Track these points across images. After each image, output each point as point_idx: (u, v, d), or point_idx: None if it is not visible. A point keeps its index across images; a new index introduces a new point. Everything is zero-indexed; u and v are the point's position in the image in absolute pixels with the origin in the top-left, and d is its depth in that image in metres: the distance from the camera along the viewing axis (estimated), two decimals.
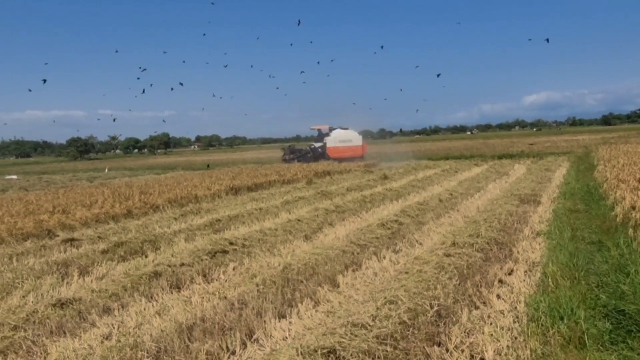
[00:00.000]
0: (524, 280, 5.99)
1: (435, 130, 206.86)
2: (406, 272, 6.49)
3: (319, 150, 35.66)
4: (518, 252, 7.36)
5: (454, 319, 4.94)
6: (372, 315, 4.94)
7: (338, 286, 6.19)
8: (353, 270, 6.81)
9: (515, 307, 5.16)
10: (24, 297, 6.21)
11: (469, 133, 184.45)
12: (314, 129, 38.17)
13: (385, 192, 15.96)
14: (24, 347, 4.77)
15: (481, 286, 5.87)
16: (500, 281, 6.07)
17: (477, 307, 5.26)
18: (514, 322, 4.79)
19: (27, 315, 5.53)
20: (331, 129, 36.82)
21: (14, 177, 38.12)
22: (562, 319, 4.71)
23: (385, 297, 5.40)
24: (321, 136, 37.12)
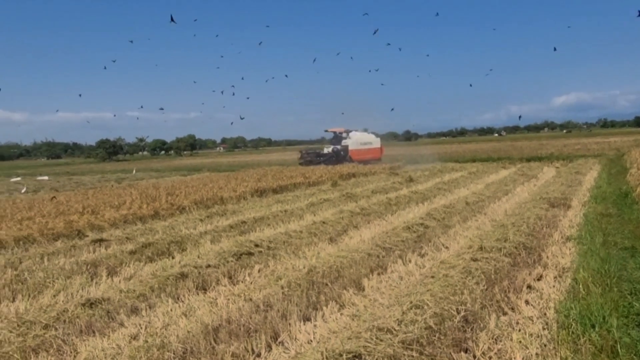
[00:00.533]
0: (554, 286, 5.86)
1: (462, 132, 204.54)
2: (432, 277, 6.42)
3: (341, 152, 35.54)
4: (547, 257, 7.22)
5: (482, 325, 4.86)
6: (397, 319, 4.90)
7: (363, 290, 6.16)
8: (378, 274, 6.77)
9: (545, 314, 5.06)
10: (54, 296, 6.34)
11: (496, 135, 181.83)
12: (329, 131, 37.93)
13: (410, 194, 15.84)
14: (55, 346, 4.86)
15: (509, 292, 5.77)
16: (529, 287, 5.96)
17: (505, 313, 5.17)
18: (544, 329, 4.69)
19: (57, 314, 5.64)
20: (347, 132, 36.83)
21: (45, 177, 39.07)
22: (593, 327, 4.59)
23: (411, 302, 5.35)
24: (338, 139, 37.00)
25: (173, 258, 8.24)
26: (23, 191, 25.90)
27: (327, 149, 36.50)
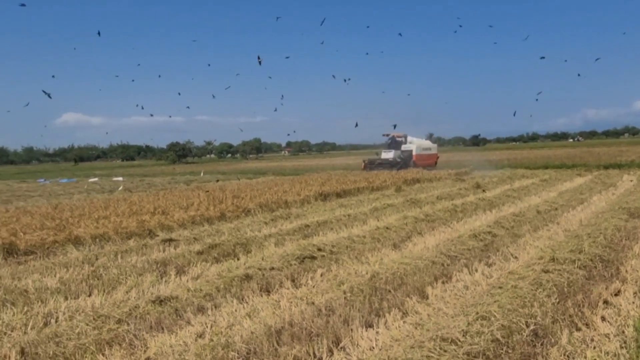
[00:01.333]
0: (633, 302, 5.49)
1: (534, 137, 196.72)
2: (500, 287, 6.19)
3: (406, 158, 35.20)
4: (626, 271, 6.78)
5: (553, 340, 4.63)
6: (462, 330, 4.75)
7: (427, 298, 6.03)
8: (443, 282, 6.61)
9: (623, 332, 4.74)
10: (127, 292, 6.64)
11: (571, 140, 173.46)
12: (386, 135, 37.46)
13: (477, 201, 15.39)
14: (127, 340, 5.08)
15: (583, 306, 5.47)
16: (606, 302, 5.61)
17: (578, 329, 4.90)
18: (621, 347, 4.40)
19: (129, 310, 5.90)
20: (405, 136, 36.48)
21: (120, 178, 41.14)
22: None
23: (477, 312, 5.18)
24: (396, 143, 36.45)
25: (238, 259, 8.42)
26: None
27: (387, 154, 36.02)
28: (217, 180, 32.02)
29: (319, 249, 8.89)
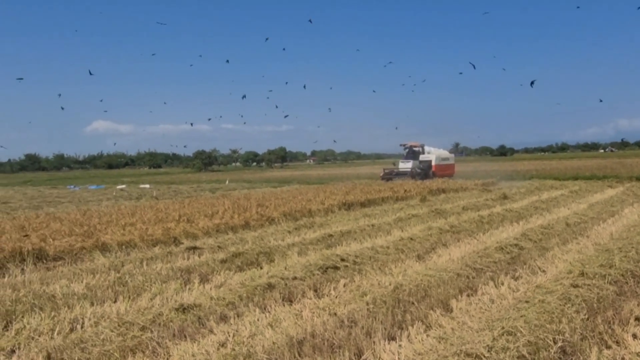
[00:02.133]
0: None
1: (563, 148, 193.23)
2: (526, 302, 6.05)
3: (426, 168, 34.54)
4: None
5: (581, 358, 4.51)
6: (487, 345, 4.66)
7: (451, 311, 5.93)
8: (468, 295, 6.50)
9: None
10: (151, 299, 6.70)
11: (602, 151, 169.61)
12: (404, 145, 36.73)
13: (504, 212, 15.14)
14: (150, 347, 5.12)
15: (614, 323, 5.30)
16: (637, 319, 5.43)
17: (608, 347, 4.75)
18: None
19: (153, 317, 5.95)
20: (422, 146, 35.98)
21: (147, 186, 41.78)
22: None
23: (502, 327, 5.07)
24: (414, 154, 35.80)
25: (261, 268, 8.44)
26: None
27: (405, 164, 35.20)
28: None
29: (342, 259, 8.85)
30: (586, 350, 4.65)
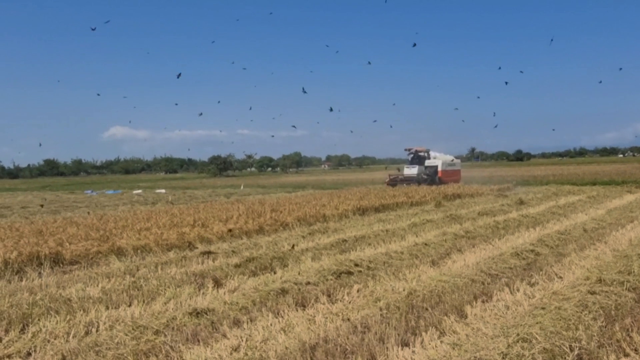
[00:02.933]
0: None
1: (581, 153, 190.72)
2: (542, 308, 5.97)
3: (432, 173, 33.69)
4: None
5: None
6: (502, 352, 4.60)
7: (466, 317, 5.87)
8: (482, 302, 6.43)
9: None
10: (165, 303, 6.74)
11: (621, 156, 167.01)
12: (408, 150, 35.76)
13: (520, 218, 14.98)
14: (164, 352, 5.14)
15: (632, 331, 5.20)
16: None
17: (626, 355, 4.66)
18: None
19: (167, 321, 5.98)
20: (427, 151, 35.26)
21: (163, 191, 42.09)
22: None
23: (517, 334, 5.00)
24: (419, 159, 34.98)
25: (275, 273, 8.44)
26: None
27: (410, 170, 34.45)
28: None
29: (356, 264, 8.82)
30: (603, 358, 4.57)
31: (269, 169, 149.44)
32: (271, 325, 5.79)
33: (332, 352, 4.92)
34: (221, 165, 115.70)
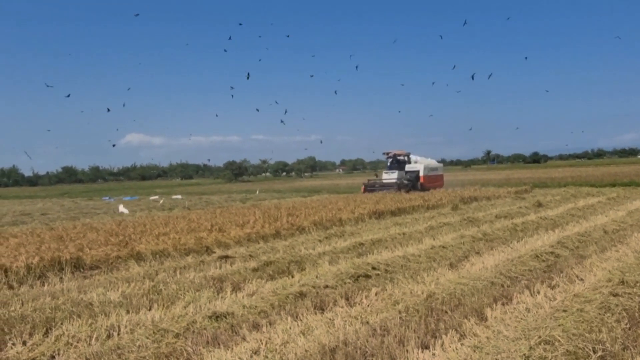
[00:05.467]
0: None
1: (599, 154, 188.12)
2: (564, 310, 5.90)
3: (414, 179, 31.43)
4: None
5: None
6: (524, 354, 4.56)
7: (486, 320, 5.83)
8: (503, 304, 6.38)
9: None
10: (185, 307, 6.79)
11: None
12: (387, 154, 33.33)
13: (539, 220, 14.83)
14: (184, 355, 5.18)
15: None
16: None
17: None
18: None
19: (187, 325, 6.02)
20: (407, 155, 33.06)
21: (179, 196, 42.36)
22: None
23: (539, 336, 4.95)
24: (399, 163, 32.64)
25: (292, 277, 8.46)
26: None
27: (390, 175, 31.86)
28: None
29: (374, 268, 8.80)
30: None
31: (284, 173, 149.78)
32: (290, 328, 5.80)
33: (352, 354, 4.92)
34: (236, 171, 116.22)
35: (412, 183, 31.00)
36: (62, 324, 6.14)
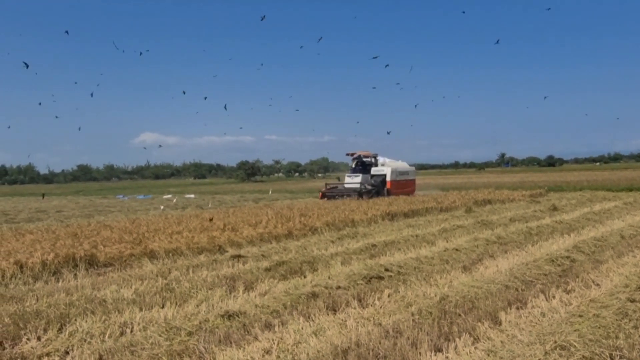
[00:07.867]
0: None
1: (616, 158, 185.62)
2: (580, 316, 5.82)
3: (380, 184, 28.60)
4: None
5: None
6: (539, 359, 4.49)
7: (500, 324, 5.76)
8: (517, 308, 6.30)
9: None
10: (197, 306, 6.81)
11: None
12: (351, 155, 30.79)
13: (554, 224, 14.66)
14: (197, 353, 5.19)
15: None
16: None
17: None
18: None
19: (199, 323, 6.03)
20: (375, 157, 30.28)
21: (192, 196, 42.63)
22: None
23: (554, 341, 4.88)
24: (364, 166, 29.85)
25: (305, 277, 8.45)
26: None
27: (353, 179, 29.06)
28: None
29: (386, 269, 8.76)
30: None
31: (297, 174, 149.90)
32: (302, 328, 5.79)
33: (365, 356, 4.89)
34: (249, 171, 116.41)
35: (377, 189, 28.12)
36: (76, 320, 6.19)
